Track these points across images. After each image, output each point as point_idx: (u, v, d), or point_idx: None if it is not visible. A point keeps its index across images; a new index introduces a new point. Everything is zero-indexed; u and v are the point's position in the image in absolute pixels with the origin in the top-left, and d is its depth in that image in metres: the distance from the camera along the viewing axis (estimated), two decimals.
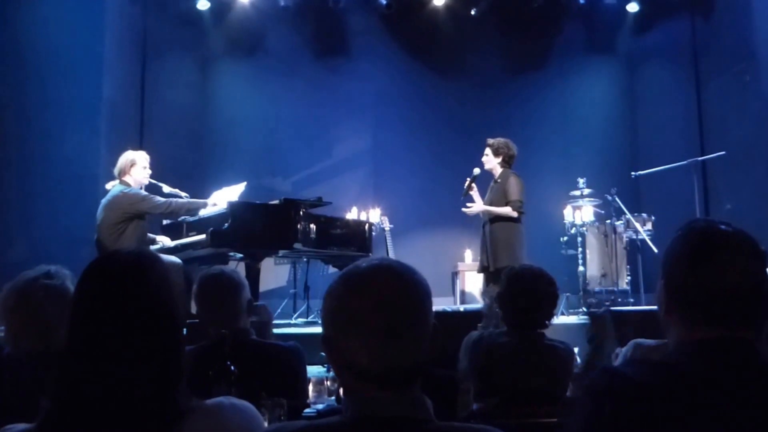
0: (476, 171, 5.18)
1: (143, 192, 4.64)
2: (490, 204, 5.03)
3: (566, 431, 1.07)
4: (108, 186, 4.71)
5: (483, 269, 5.10)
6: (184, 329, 1.13)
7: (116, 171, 4.70)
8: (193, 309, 2.18)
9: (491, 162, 5.10)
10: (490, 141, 5.15)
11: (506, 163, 5.08)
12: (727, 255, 1.06)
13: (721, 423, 0.97)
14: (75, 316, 1.05)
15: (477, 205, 5.06)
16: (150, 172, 4.78)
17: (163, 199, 4.65)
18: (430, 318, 0.99)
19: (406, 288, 0.97)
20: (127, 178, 4.66)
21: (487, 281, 5.00)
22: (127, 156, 4.72)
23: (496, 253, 4.89)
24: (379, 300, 0.95)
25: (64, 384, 1.01)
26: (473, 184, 5.14)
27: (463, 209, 5.10)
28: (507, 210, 4.93)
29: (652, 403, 0.98)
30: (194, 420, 1.01)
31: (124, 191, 4.57)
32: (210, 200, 4.89)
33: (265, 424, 1.48)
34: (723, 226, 1.10)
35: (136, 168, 4.67)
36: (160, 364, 1.02)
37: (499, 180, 5.07)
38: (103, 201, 4.61)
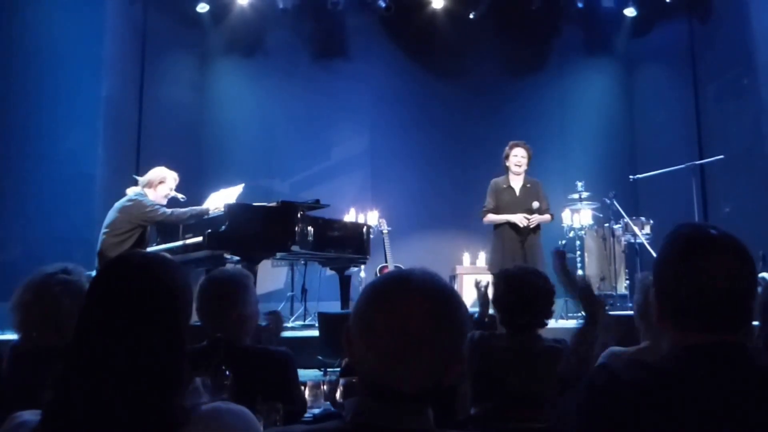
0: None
1: (152, 202, 4.62)
2: (528, 208, 5.03)
3: (561, 413, 1.09)
4: (128, 191, 4.71)
5: None
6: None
7: (144, 180, 4.72)
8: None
9: (524, 165, 5.12)
10: (524, 143, 5.16)
11: (528, 166, 5.17)
12: (715, 259, 1.06)
13: (713, 426, 0.98)
14: (84, 316, 1.06)
15: (539, 218, 4.99)
16: (172, 194, 4.79)
17: (168, 210, 4.65)
18: (452, 351, 0.93)
19: (431, 320, 0.92)
20: (148, 191, 4.68)
21: None
22: (160, 172, 4.74)
23: (535, 263, 4.75)
24: (395, 323, 0.91)
25: (68, 382, 1.01)
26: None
27: (524, 222, 4.92)
28: (548, 218, 5.09)
29: (645, 404, 0.99)
30: (194, 425, 1.02)
31: (138, 199, 4.57)
32: (210, 206, 4.89)
33: (261, 429, 1.46)
34: (711, 230, 1.10)
35: (163, 186, 4.70)
36: (164, 368, 1.03)
37: (528, 185, 5.12)
38: (117, 203, 4.62)
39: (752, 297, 1.07)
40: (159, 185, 4.68)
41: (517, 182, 5.12)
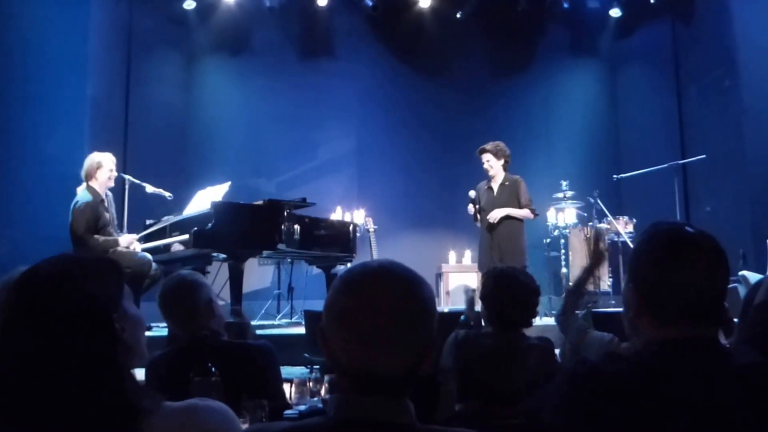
0: (472, 194, 5.26)
1: (87, 214, 4.56)
2: (502, 207, 5.12)
3: (541, 402, 1.12)
4: (78, 190, 4.69)
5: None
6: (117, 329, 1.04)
7: (83, 174, 4.68)
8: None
9: (496, 166, 5.16)
10: (488, 147, 5.17)
11: (507, 164, 5.19)
12: (691, 256, 1.09)
13: (686, 419, 1.01)
14: (3, 328, 0.99)
15: (500, 211, 5.06)
16: (116, 175, 4.78)
17: (96, 238, 4.58)
18: (425, 332, 0.96)
19: (401, 298, 0.94)
20: (93, 183, 4.67)
21: None
22: (93, 158, 4.70)
23: (509, 254, 4.95)
24: (369, 304, 0.93)
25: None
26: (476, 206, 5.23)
27: (489, 217, 5.07)
28: (526, 212, 5.10)
29: (623, 396, 1.03)
30: (165, 420, 0.99)
31: (78, 207, 4.55)
32: (122, 240, 4.72)
33: (245, 426, 1.48)
34: (687, 228, 1.14)
35: (102, 171, 4.68)
36: (95, 367, 0.97)
37: (507, 183, 5.16)
38: (71, 206, 4.61)
39: (726, 293, 1.11)
40: (98, 171, 4.66)
41: (496, 182, 5.22)
